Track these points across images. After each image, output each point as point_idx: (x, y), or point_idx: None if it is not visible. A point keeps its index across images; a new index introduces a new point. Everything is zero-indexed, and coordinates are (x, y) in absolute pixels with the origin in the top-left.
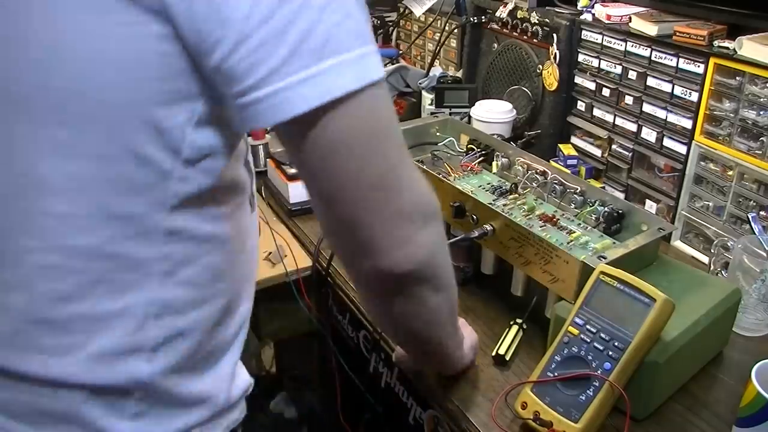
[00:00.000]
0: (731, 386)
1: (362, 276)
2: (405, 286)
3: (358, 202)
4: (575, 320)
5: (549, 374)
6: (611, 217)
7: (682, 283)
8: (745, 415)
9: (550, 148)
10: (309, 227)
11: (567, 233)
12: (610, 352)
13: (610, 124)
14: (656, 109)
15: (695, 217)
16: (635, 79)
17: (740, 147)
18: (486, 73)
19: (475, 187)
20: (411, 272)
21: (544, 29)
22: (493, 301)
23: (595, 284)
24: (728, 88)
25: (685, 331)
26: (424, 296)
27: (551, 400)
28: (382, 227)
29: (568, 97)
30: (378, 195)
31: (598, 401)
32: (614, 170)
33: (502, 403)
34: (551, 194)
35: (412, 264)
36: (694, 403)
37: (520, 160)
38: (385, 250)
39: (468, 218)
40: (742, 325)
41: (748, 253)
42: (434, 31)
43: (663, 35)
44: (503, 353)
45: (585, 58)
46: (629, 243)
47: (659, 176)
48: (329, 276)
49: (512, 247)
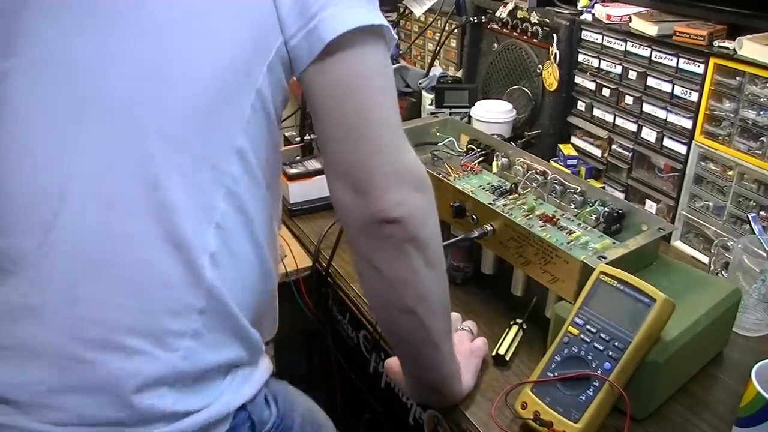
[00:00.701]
0: (731, 386)
1: (359, 222)
2: (397, 236)
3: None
4: (575, 320)
5: (549, 374)
6: (611, 217)
7: (682, 283)
8: (745, 415)
9: (550, 148)
10: (309, 227)
11: (567, 233)
12: (610, 352)
13: (610, 124)
14: (656, 109)
15: (695, 217)
16: (635, 79)
17: (740, 147)
18: (486, 73)
19: (475, 187)
20: (402, 219)
21: (544, 29)
22: (493, 301)
23: (595, 284)
24: (728, 88)
25: (685, 331)
26: (414, 260)
27: (551, 400)
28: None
29: (568, 97)
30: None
31: (598, 401)
32: (614, 170)
33: (502, 403)
34: (551, 194)
35: (404, 212)
36: (694, 403)
37: (520, 160)
38: (382, 192)
39: (468, 218)
40: (742, 325)
41: (748, 253)
42: (434, 31)
43: (663, 35)
44: (503, 353)
45: (585, 58)
46: (629, 243)
47: (659, 176)
48: (329, 276)
49: (512, 247)
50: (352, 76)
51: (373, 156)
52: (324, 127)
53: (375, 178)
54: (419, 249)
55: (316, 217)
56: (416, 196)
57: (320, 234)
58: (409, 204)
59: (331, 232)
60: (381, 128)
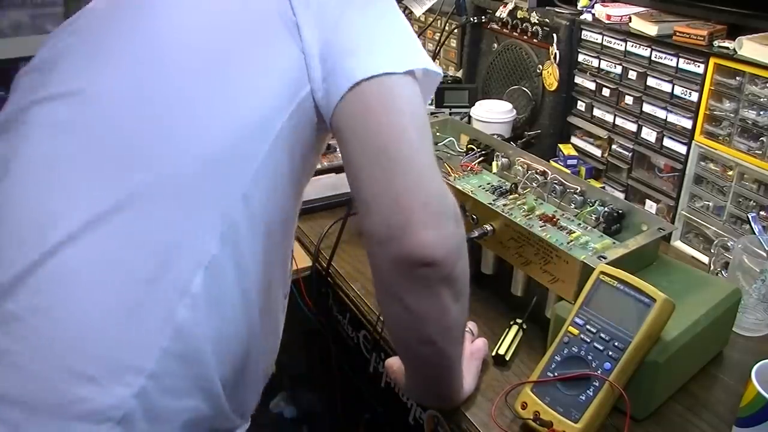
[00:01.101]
0: (731, 386)
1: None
2: (432, 277)
3: (401, 170)
4: (575, 320)
5: (549, 374)
6: (611, 217)
7: (682, 283)
8: (745, 415)
9: (550, 148)
10: (309, 227)
11: (567, 233)
12: (610, 352)
13: (610, 124)
14: (656, 109)
15: (695, 217)
16: (635, 79)
17: (740, 147)
18: (486, 73)
19: (475, 187)
20: (441, 261)
21: (544, 29)
22: (493, 301)
23: (595, 284)
24: (728, 88)
25: (685, 331)
26: (445, 298)
27: (551, 400)
28: (420, 207)
29: (568, 97)
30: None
31: (598, 401)
32: (614, 170)
33: (502, 403)
34: (551, 194)
35: (442, 251)
36: (694, 403)
37: (520, 160)
38: (420, 228)
39: (468, 218)
40: (742, 325)
41: (748, 253)
42: (434, 31)
43: (663, 35)
44: (503, 353)
45: (585, 58)
46: (629, 243)
47: (659, 176)
48: (329, 276)
49: (512, 247)
50: (374, 113)
51: (407, 177)
52: (351, 160)
53: (411, 209)
54: (450, 285)
55: (316, 217)
56: (454, 231)
57: (320, 234)
58: (448, 242)
59: (331, 232)
60: (411, 150)
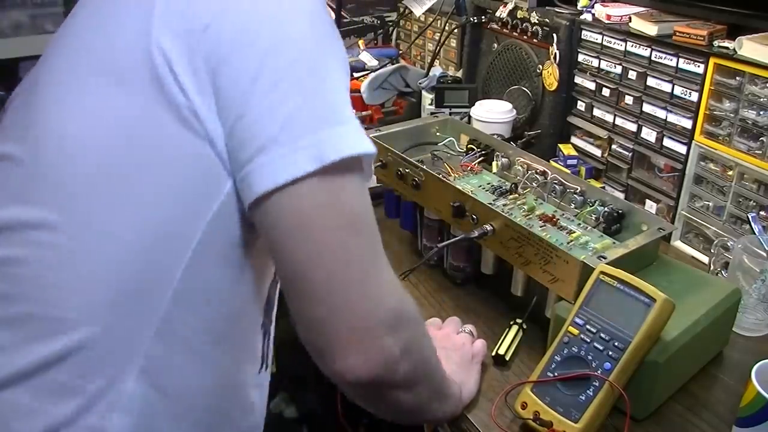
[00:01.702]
0: (731, 386)
1: (331, 375)
2: (369, 391)
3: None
4: (575, 320)
5: (549, 374)
6: (611, 217)
7: (682, 283)
8: (745, 415)
9: (550, 148)
10: None
11: (567, 233)
12: (610, 352)
13: (610, 124)
14: (656, 109)
15: (695, 217)
16: (635, 79)
17: (740, 147)
18: (486, 73)
19: (475, 187)
20: (371, 380)
21: (544, 29)
22: (493, 301)
23: (595, 284)
24: (728, 88)
25: (685, 331)
26: (395, 399)
27: (551, 400)
28: (342, 333)
29: (568, 97)
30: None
31: (598, 401)
32: (614, 170)
33: (502, 403)
34: (551, 194)
35: (372, 371)
36: (694, 403)
37: (520, 160)
38: (342, 355)
39: (468, 218)
40: (742, 325)
41: (748, 253)
42: (434, 31)
43: (663, 35)
44: (503, 353)
45: (585, 58)
46: (629, 243)
47: (659, 176)
48: None
49: (512, 247)
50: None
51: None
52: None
53: (330, 336)
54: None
55: None
56: (389, 344)
57: None
58: (376, 362)
59: None
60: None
